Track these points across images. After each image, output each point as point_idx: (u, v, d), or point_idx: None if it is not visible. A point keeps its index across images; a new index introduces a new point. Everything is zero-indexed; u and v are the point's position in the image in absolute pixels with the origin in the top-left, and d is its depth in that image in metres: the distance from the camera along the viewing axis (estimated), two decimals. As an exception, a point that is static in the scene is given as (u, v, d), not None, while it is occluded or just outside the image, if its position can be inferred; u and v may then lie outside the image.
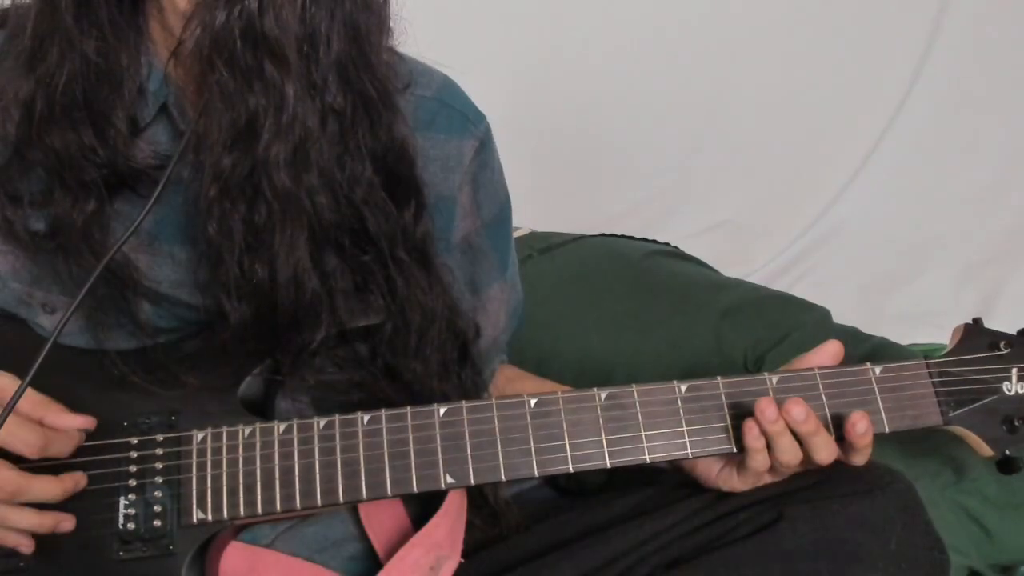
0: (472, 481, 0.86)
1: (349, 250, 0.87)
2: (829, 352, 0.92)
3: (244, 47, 0.76)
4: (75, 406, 0.85)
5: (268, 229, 0.81)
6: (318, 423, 0.86)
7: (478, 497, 0.98)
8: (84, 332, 0.88)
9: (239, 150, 0.79)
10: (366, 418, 0.86)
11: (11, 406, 0.76)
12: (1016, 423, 0.90)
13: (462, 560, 0.96)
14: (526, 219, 1.71)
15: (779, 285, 2.08)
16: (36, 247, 0.87)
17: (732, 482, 0.92)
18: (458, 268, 0.99)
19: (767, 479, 0.92)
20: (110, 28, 0.82)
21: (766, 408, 0.85)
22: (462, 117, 0.98)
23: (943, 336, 0.99)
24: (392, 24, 0.86)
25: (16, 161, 0.84)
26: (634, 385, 0.89)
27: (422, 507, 0.97)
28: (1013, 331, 0.94)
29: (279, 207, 0.80)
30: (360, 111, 0.83)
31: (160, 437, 0.86)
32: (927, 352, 1.37)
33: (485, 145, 0.99)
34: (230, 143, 0.78)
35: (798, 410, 0.85)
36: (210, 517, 0.84)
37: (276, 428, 0.86)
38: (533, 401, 0.88)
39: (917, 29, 2.56)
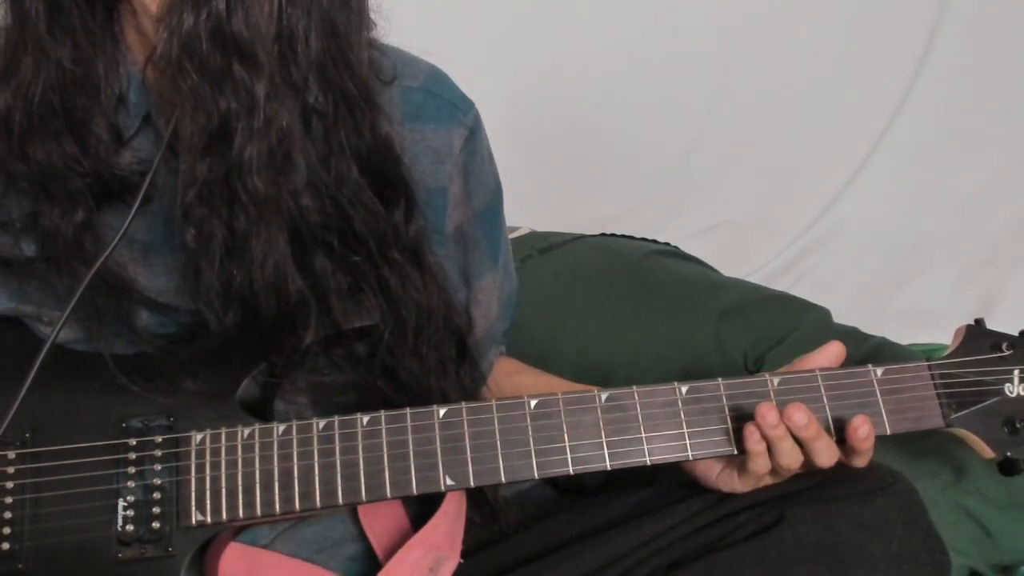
0: (472, 483, 0.86)
1: (339, 251, 0.86)
2: (830, 353, 0.92)
3: (212, 50, 0.75)
4: (73, 408, 0.85)
5: (247, 234, 0.80)
6: (317, 424, 0.86)
7: (478, 496, 0.98)
8: (83, 342, 0.88)
9: (213, 155, 0.78)
10: (365, 419, 0.86)
11: (13, 410, 0.76)
12: (1018, 425, 0.90)
13: (461, 560, 0.96)
14: (526, 219, 1.71)
15: (779, 285, 2.07)
16: (28, 272, 0.86)
17: (732, 483, 0.92)
18: (451, 259, 0.99)
19: (767, 481, 0.91)
20: (84, 35, 0.81)
21: (767, 413, 0.85)
22: (450, 106, 0.97)
23: (943, 336, 0.99)
24: (375, 17, 0.85)
25: (1, 181, 0.84)
26: (634, 387, 0.88)
27: (421, 507, 0.97)
28: (1014, 331, 0.94)
29: (256, 211, 0.79)
30: (342, 110, 0.82)
31: (159, 438, 0.86)
32: (927, 352, 1.37)
33: (475, 133, 0.98)
34: (203, 148, 0.78)
35: (800, 415, 0.85)
36: (209, 519, 0.84)
37: (275, 429, 0.86)
38: (533, 403, 0.87)
39: (917, 29, 2.56)
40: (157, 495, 0.84)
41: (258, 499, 0.84)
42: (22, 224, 0.85)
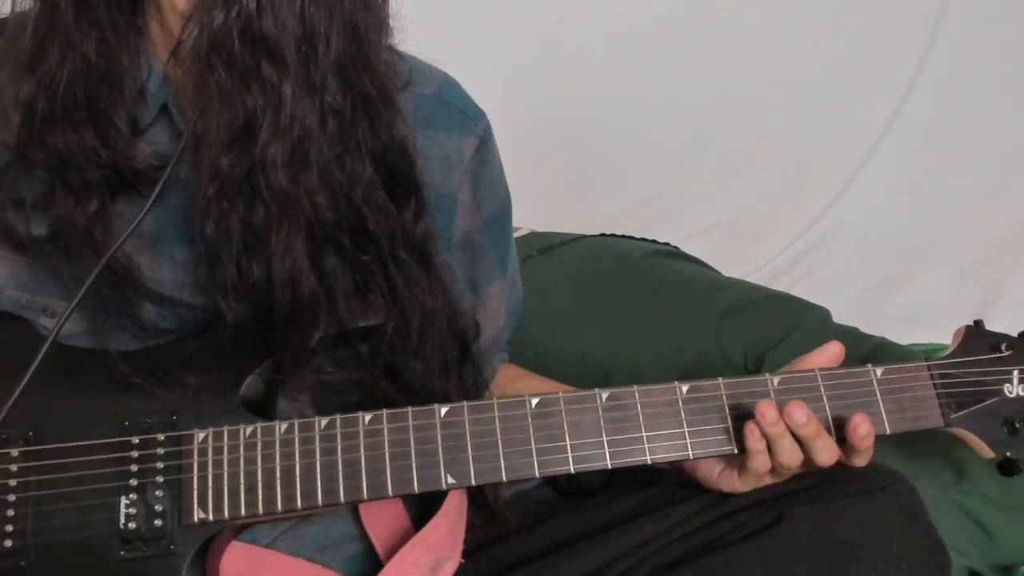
0: (473, 481, 0.86)
1: (349, 250, 0.87)
2: (830, 354, 0.92)
3: (242, 48, 0.76)
4: (76, 406, 0.85)
5: (265, 229, 0.81)
6: (319, 423, 0.86)
7: (478, 497, 0.98)
8: (87, 334, 0.88)
9: (237, 150, 0.79)
10: (367, 418, 0.86)
11: (10, 404, 0.77)
12: (1017, 425, 0.90)
13: (462, 560, 0.96)
14: (526, 219, 1.71)
15: (779, 285, 2.08)
16: (37, 251, 0.87)
17: (733, 483, 0.92)
18: (458, 266, 0.99)
19: (768, 480, 0.92)
20: (110, 28, 0.82)
21: (767, 411, 0.85)
22: (462, 115, 0.98)
23: (943, 336, 0.99)
24: (391, 23, 0.86)
25: (18, 163, 0.84)
26: (635, 386, 0.89)
27: (423, 507, 0.97)
28: (1013, 332, 0.95)
29: (276, 207, 0.80)
30: (360, 110, 0.83)
31: (161, 436, 0.86)
32: (927, 352, 1.37)
33: (485, 143, 0.99)
34: (228, 143, 0.79)
35: (799, 413, 0.85)
36: (211, 517, 0.84)
37: (277, 428, 0.86)
38: (534, 401, 0.88)
39: (917, 29, 2.56)
40: (159, 493, 0.85)
41: (260, 497, 0.85)
42: (35, 204, 0.86)
